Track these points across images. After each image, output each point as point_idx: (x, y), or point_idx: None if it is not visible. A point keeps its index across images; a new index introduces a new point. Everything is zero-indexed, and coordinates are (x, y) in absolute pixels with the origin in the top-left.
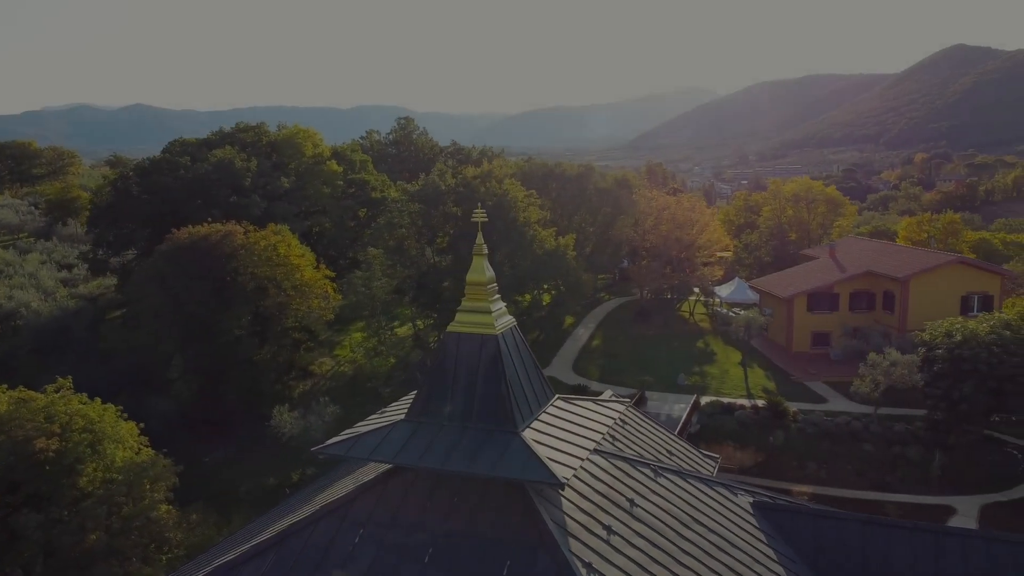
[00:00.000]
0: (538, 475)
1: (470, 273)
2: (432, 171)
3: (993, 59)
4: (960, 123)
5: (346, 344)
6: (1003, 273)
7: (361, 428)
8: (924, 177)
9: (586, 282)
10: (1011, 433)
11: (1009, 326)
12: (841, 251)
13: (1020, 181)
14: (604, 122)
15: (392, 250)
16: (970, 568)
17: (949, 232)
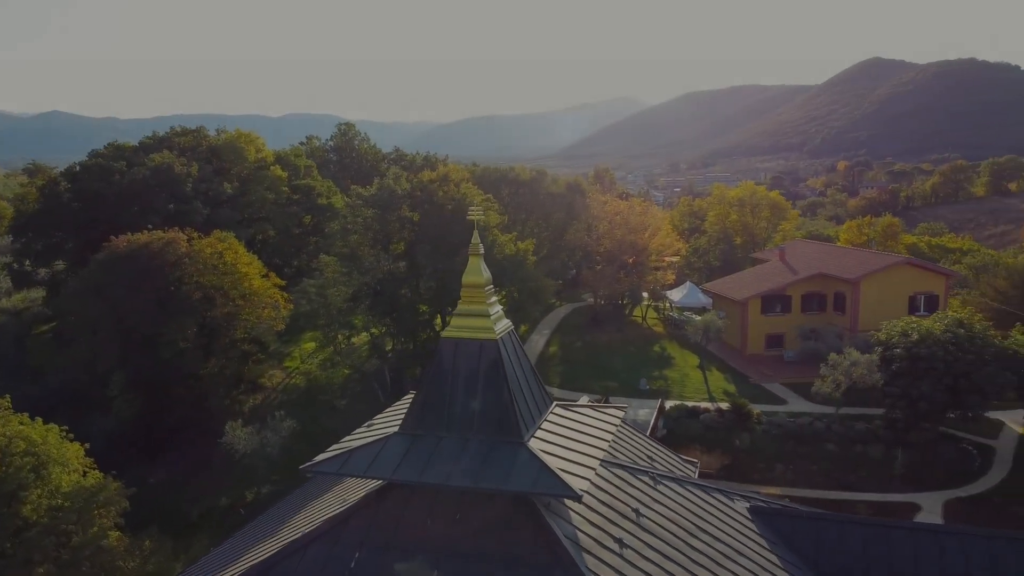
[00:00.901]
0: (552, 488)
1: (467, 274)
2: (386, 175)
3: (907, 72)
4: (877, 133)
5: (296, 355)
6: (948, 273)
7: (352, 443)
8: (848, 184)
9: (546, 288)
10: (964, 430)
11: (962, 324)
12: (791, 254)
13: (938, 188)
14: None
15: (346, 257)
16: (972, 567)
17: (888, 235)
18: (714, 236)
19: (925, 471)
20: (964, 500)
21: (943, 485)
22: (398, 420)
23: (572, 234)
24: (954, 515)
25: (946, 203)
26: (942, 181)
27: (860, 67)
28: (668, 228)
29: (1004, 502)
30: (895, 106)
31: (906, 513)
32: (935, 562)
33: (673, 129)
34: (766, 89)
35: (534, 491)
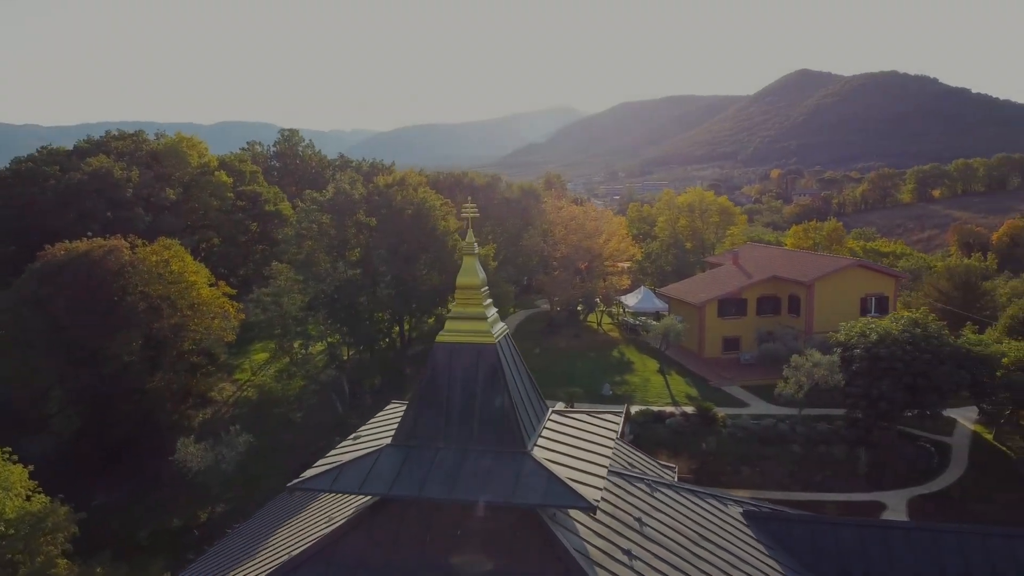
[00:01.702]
0: (564, 500)
1: (461, 275)
2: (340, 180)
3: (833, 83)
4: (807, 142)
5: (246, 367)
6: (897, 275)
7: (340, 457)
8: (782, 192)
9: (507, 293)
10: (920, 429)
11: (918, 324)
12: (744, 258)
13: (867, 195)
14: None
15: (301, 264)
16: (971, 565)
17: (833, 239)
18: (666, 241)
19: (887, 470)
20: (927, 497)
21: (905, 483)
22: (387, 431)
23: (528, 239)
24: (918, 513)
25: (875, 209)
26: (871, 188)
27: (789, 78)
28: (623, 233)
29: (964, 498)
30: (823, 116)
31: (872, 512)
32: (934, 561)
33: (611, 138)
34: (700, 99)
35: (545, 503)
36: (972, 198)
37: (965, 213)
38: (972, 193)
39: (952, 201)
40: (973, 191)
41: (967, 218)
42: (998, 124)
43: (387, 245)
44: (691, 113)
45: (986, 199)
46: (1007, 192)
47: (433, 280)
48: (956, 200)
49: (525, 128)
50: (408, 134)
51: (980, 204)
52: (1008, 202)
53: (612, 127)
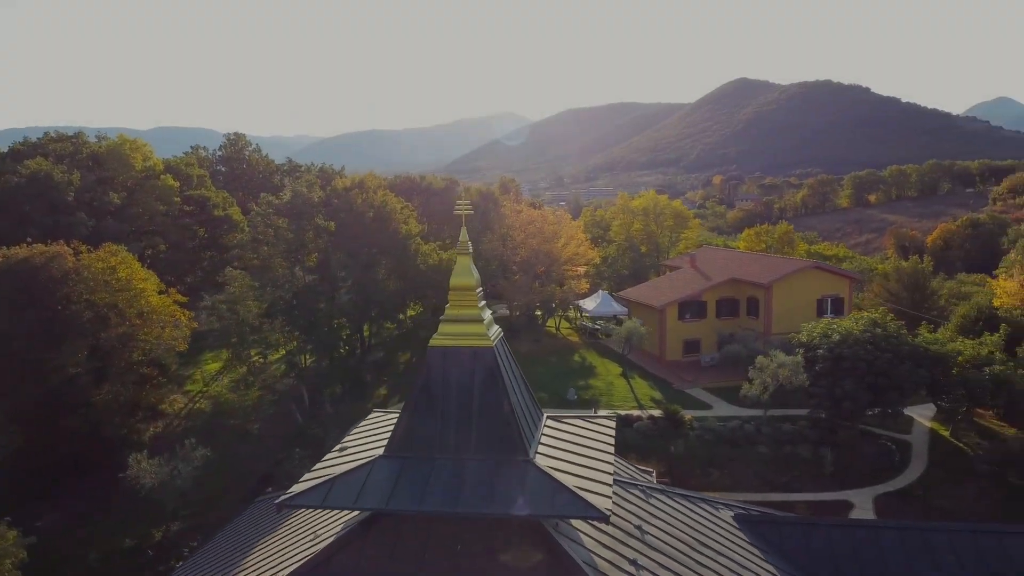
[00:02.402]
0: (574, 510)
1: (456, 276)
2: (299, 182)
3: (771, 91)
4: (747, 148)
5: (198, 378)
6: (852, 277)
7: (327, 469)
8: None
9: None
10: (881, 427)
11: (877, 324)
12: (702, 260)
13: (807, 200)
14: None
15: (258, 269)
16: (963, 561)
17: (784, 242)
18: (622, 245)
19: (851, 469)
20: (892, 495)
21: (869, 481)
22: (376, 441)
23: (487, 244)
24: (885, 510)
25: (815, 214)
26: (811, 194)
27: (729, 87)
28: (581, 237)
29: (927, 495)
30: (762, 124)
31: (840, 511)
32: (926, 560)
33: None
34: (643, 107)
35: (555, 515)
36: (906, 203)
37: (900, 217)
38: (906, 198)
39: (887, 206)
40: (907, 196)
41: (902, 222)
42: (926, 132)
43: (347, 249)
44: (635, 120)
45: (919, 203)
46: (938, 197)
47: (393, 285)
48: (891, 205)
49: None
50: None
51: (913, 208)
52: (939, 206)
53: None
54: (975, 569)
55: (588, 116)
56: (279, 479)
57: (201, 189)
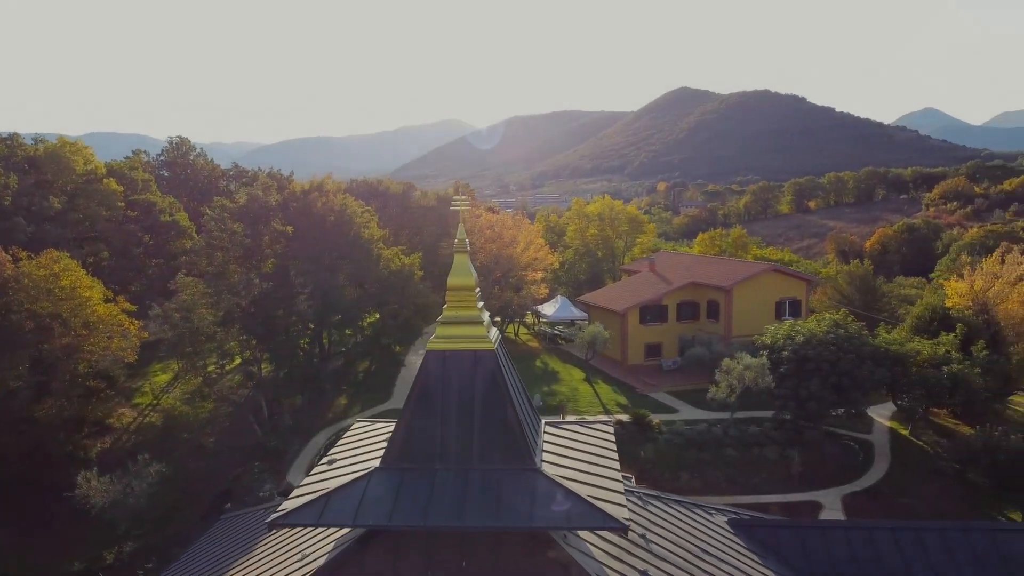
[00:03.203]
0: (591, 521)
1: (453, 275)
2: (255, 185)
3: (711, 100)
4: (690, 156)
5: (147, 390)
6: (809, 279)
7: (319, 484)
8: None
9: (434, 304)
10: (843, 427)
11: (839, 325)
12: (661, 265)
13: (750, 206)
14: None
15: (213, 276)
16: (957, 559)
17: (738, 246)
18: (580, 250)
19: (818, 469)
20: (859, 494)
21: (836, 481)
22: (367, 452)
23: (445, 249)
24: (853, 510)
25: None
26: (753, 200)
27: (671, 95)
28: (540, 242)
29: (893, 493)
30: (703, 132)
31: (810, 511)
32: (921, 559)
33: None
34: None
35: (572, 527)
36: (844, 208)
37: (839, 223)
38: (844, 204)
39: (826, 212)
40: (845, 202)
41: (841, 227)
42: (859, 140)
43: (306, 254)
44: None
45: (856, 209)
46: (874, 203)
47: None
48: (830, 211)
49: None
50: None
51: (851, 214)
52: (876, 212)
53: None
54: (969, 567)
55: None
56: (238, 494)
57: (146, 194)
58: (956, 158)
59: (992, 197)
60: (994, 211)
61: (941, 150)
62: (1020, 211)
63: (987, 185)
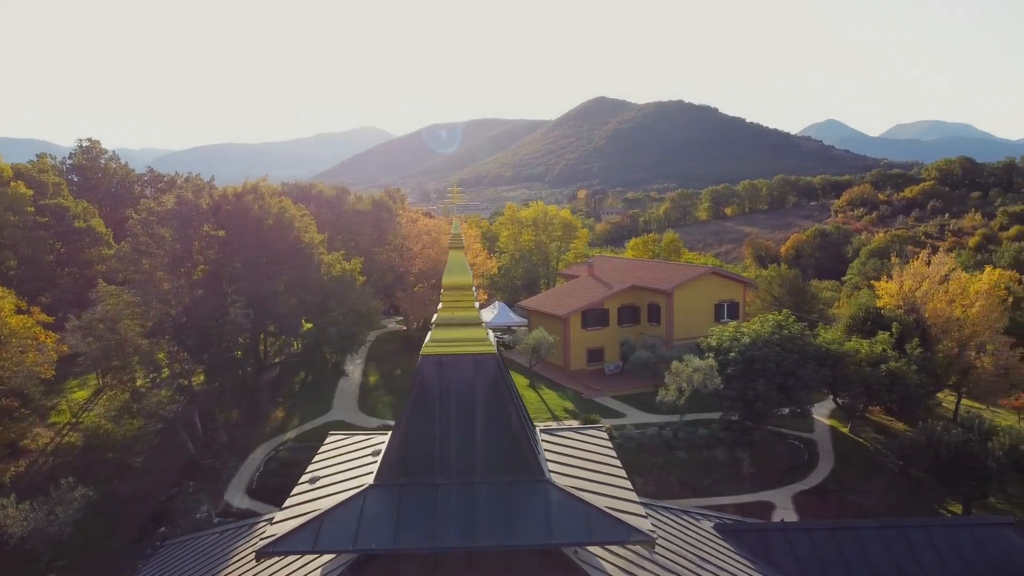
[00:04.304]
0: (616, 535)
1: (449, 273)
2: (184, 187)
3: (628, 110)
4: (608, 164)
5: (64, 408)
6: (746, 282)
7: (307, 505)
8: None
9: (377, 310)
10: (786, 426)
11: (782, 326)
12: (599, 269)
13: (669, 213)
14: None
15: (140, 284)
16: (942, 554)
17: (671, 250)
18: (515, 255)
19: (767, 469)
20: (808, 493)
21: (785, 481)
22: (353, 468)
23: (381, 254)
24: (804, 508)
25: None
26: (672, 207)
27: (589, 104)
28: (478, 247)
29: (841, 491)
30: (621, 140)
31: (763, 512)
32: (908, 557)
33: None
34: (507, 123)
35: (594, 541)
36: (758, 215)
37: (754, 229)
38: (758, 211)
39: (742, 218)
40: (759, 209)
41: (757, 233)
42: (769, 149)
43: (242, 260)
44: (499, 136)
45: (770, 216)
46: (786, 209)
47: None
48: (745, 217)
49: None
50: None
51: (765, 220)
52: (788, 218)
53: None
54: (954, 564)
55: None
56: (173, 517)
57: (58, 199)
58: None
59: (895, 204)
60: (898, 217)
61: (844, 159)
62: (921, 216)
63: (890, 192)
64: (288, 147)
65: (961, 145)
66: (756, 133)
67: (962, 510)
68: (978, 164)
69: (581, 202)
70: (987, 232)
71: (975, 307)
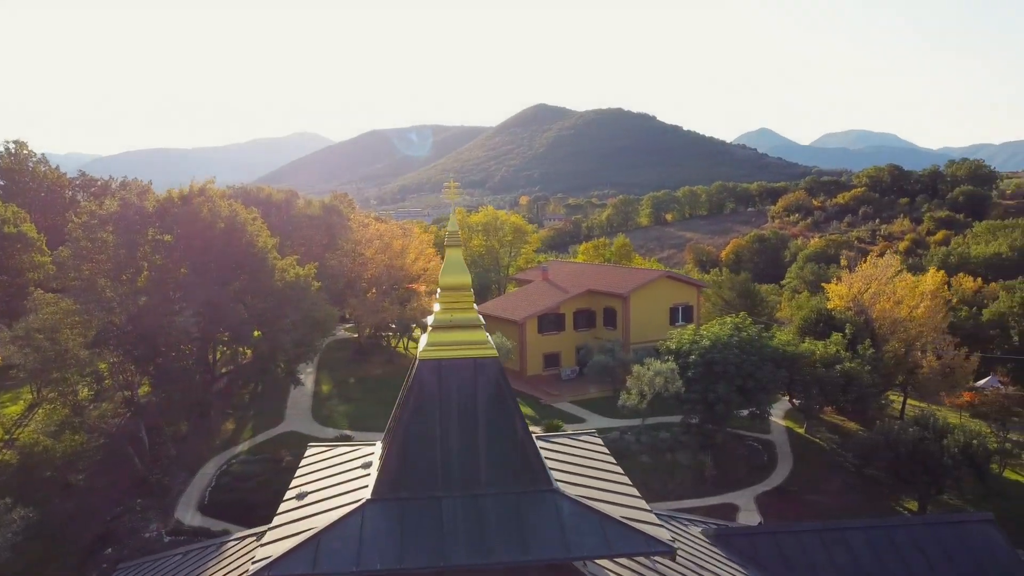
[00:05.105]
0: (638, 546)
1: (446, 273)
2: (128, 189)
3: (568, 118)
4: (549, 170)
5: None
6: (700, 285)
7: (299, 523)
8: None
9: (333, 316)
10: (744, 428)
11: (740, 328)
12: (554, 273)
13: (612, 218)
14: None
15: (81, 291)
16: (928, 554)
17: (622, 254)
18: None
19: (729, 471)
20: (770, 493)
21: (747, 483)
22: (343, 482)
23: (332, 259)
24: (767, 509)
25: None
26: (614, 213)
27: (529, 111)
28: (431, 252)
29: (801, 491)
30: (561, 147)
31: (728, 514)
32: (895, 557)
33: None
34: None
35: (614, 554)
36: (698, 221)
37: (695, 234)
38: (698, 216)
39: (682, 224)
40: (699, 215)
41: (697, 238)
42: (705, 157)
43: (191, 266)
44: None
45: (709, 221)
46: (724, 215)
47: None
48: (685, 223)
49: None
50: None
51: (705, 226)
52: (727, 223)
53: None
54: (940, 562)
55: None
56: (120, 537)
57: None
58: (791, 174)
59: (828, 210)
60: (831, 222)
61: (777, 167)
62: (853, 222)
63: (823, 199)
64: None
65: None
66: (693, 141)
67: (918, 507)
68: (905, 172)
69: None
70: (916, 237)
71: (920, 308)
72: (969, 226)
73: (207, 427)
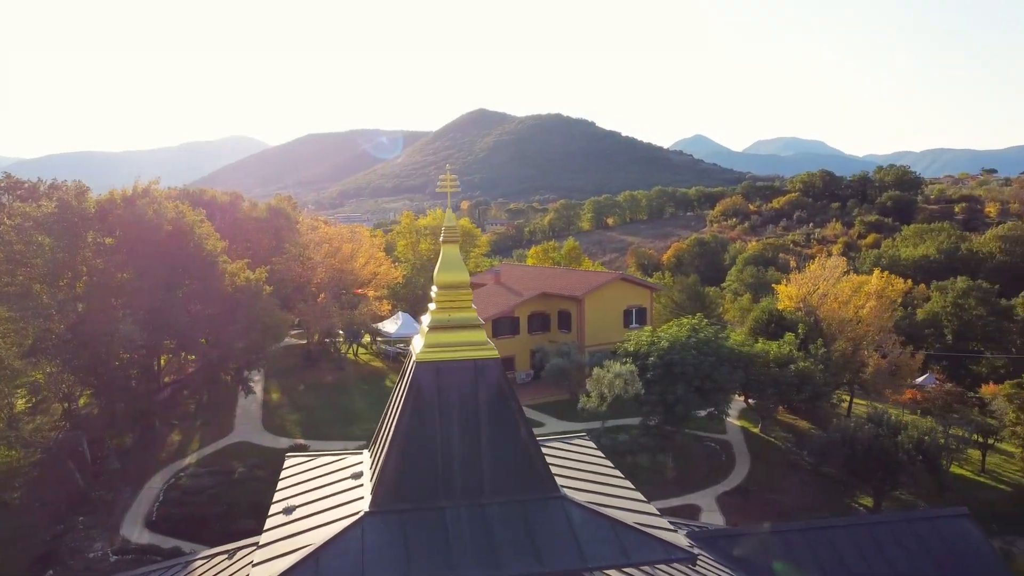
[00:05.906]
0: (657, 553)
1: (443, 271)
2: (63, 191)
3: (508, 123)
4: (490, 176)
5: None
6: (653, 288)
7: (291, 540)
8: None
9: (286, 322)
10: (701, 429)
11: (697, 329)
12: (506, 276)
13: (554, 223)
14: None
15: (16, 297)
16: (911, 550)
17: (572, 257)
18: (416, 264)
19: (689, 472)
20: (731, 493)
21: (707, 483)
22: (333, 493)
23: (280, 263)
24: (729, 509)
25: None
26: (556, 217)
27: (469, 117)
28: (380, 256)
29: (761, 490)
30: (501, 152)
31: (691, 515)
32: (877, 554)
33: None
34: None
35: (632, 562)
36: (639, 225)
37: (636, 238)
38: (638, 221)
39: (624, 228)
40: (639, 219)
41: (638, 242)
42: (643, 162)
43: (135, 270)
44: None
45: (650, 225)
46: (664, 219)
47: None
48: (626, 227)
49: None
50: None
51: (646, 230)
52: (667, 228)
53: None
54: (920, 557)
55: (329, 142)
56: (63, 557)
57: None
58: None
59: (764, 214)
60: (768, 226)
61: (713, 172)
62: (788, 226)
63: (759, 203)
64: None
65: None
66: (631, 146)
67: (873, 503)
68: (836, 177)
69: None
70: (848, 240)
71: (866, 308)
72: (898, 229)
73: (152, 439)
